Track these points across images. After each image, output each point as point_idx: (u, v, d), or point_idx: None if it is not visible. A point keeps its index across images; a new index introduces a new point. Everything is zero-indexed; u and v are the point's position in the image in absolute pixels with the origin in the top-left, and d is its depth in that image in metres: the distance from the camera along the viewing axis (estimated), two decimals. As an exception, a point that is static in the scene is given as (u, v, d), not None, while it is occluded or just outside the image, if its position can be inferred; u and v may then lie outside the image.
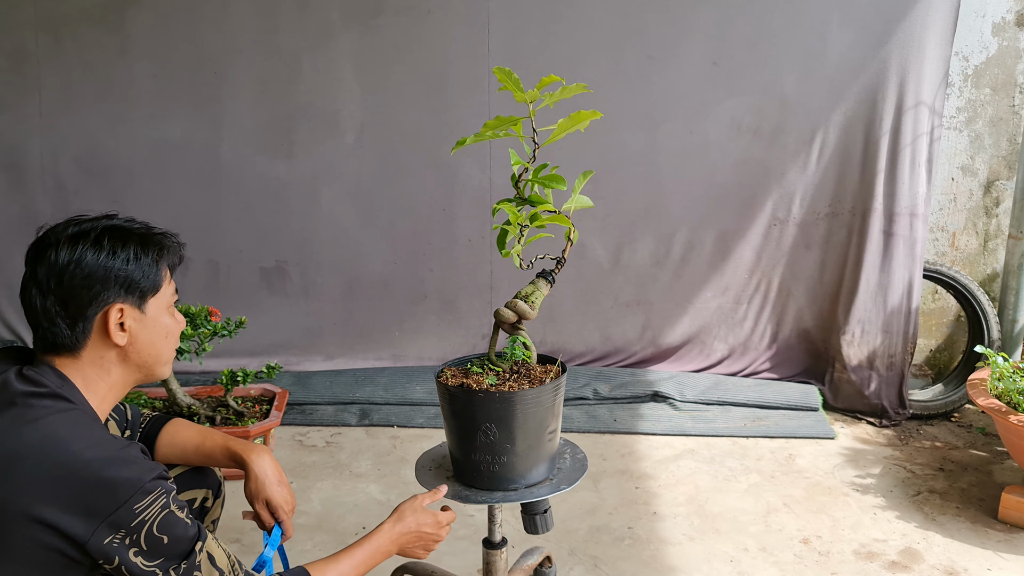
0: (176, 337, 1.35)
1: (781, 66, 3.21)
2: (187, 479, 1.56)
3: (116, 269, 1.24)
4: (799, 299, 3.41)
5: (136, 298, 1.27)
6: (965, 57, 3.36)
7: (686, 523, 2.44)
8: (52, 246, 1.23)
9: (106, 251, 1.24)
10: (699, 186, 3.35)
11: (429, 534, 1.54)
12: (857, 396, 3.25)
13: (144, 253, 1.28)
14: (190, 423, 1.60)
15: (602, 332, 3.53)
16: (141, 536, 1.14)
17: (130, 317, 1.27)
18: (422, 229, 3.47)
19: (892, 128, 3.13)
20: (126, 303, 1.26)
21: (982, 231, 3.50)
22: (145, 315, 1.28)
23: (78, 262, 1.22)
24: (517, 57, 3.29)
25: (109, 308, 1.24)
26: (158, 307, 1.30)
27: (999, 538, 2.37)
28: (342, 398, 3.27)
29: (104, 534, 1.12)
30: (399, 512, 1.54)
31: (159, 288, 1.30)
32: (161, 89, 3.39)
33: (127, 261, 1.25)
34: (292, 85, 3.38)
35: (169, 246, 1.33)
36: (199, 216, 3.48)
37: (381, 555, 1.49)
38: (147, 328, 1.29)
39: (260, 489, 1.53)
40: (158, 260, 1.29)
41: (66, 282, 1.22)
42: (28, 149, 3.43)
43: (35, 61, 3.37)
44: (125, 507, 1.13)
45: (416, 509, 1.54)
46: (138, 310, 1.28)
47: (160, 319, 1.31)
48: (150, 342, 1.29)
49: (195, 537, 1.21)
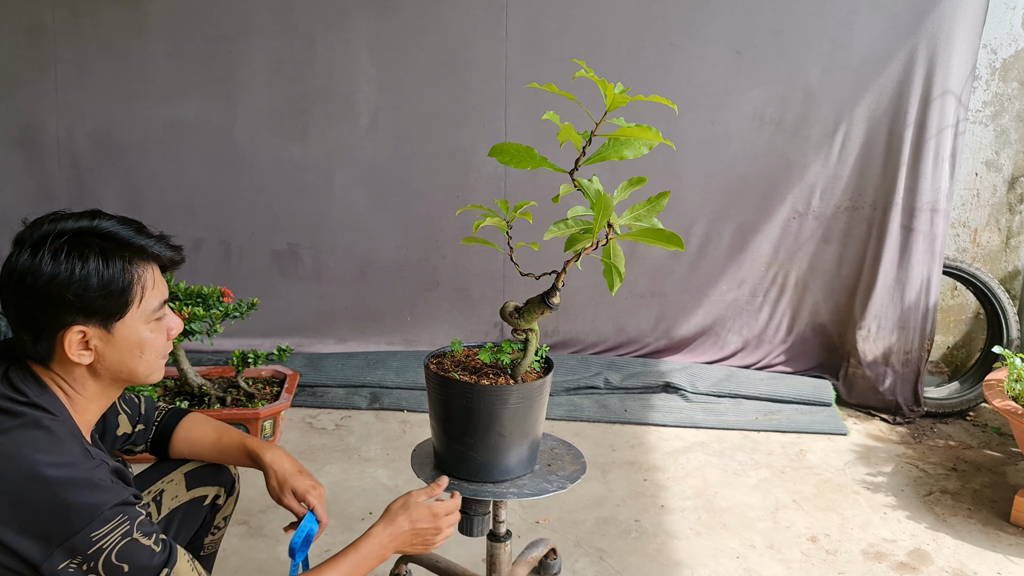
0: (159, 349, 1.24)
1: (806, 56, 3.15)
2: (200, 475, 1.53)
3: (72, 292, 1.12)
4: (815, 293, 3.37)
5: (99, 320, 1.16)
6: (993, 50, 3.28)
7: (693, 517, 2.43)
8: (19, 245, 1.15)
9: (63, 268, 1.12)
10: (719, 178, 3.31)
11: (426, 530, 1.45)
12: (871, 392, 3.22)
13: (109, 267, 1.15)
14: (206, 419, 1.57)
15: (616, 323, 3.51)
16: (99, 563, 1.09)
17: (95, 337, 1.17)
18: (436, 215, 3.45)
19: (916, 121, 3.08)
20: (87, 326, 1.16)
21: (1004, 228, 3.44)
22: (112, 335, 1.18)
23: (34, 276, 1.12)
24: (535, 42, 3.25)
25: (67, 330, 1.15)
26: (131, 323, 1.19)
27: (1010, 541, 2.34)
28: (353, 381, 3.27)
29: (59, 559, 1.08)
30: (389, 513, 1.44)
31: (126, 310, 1.17)
32: (176, 68, 3.38)
33: (84, 283, 1.13)
34: (307, 66, 3.35)
35: (151, 252, 1.21)
36: (212, 197, 3.48)
37: (373, 561, 1.39)
38: (115, 348, 1.19)
39: (283, 482, 1.50)
40: (129, 273, 1.17)
41: (22, 295, 1.13)
42: (44, 125, 3.43)
43: (52, 37, 3.36)
44: (81, 534, 1.08)
45: (409, 506, 1.45)
46: (103, 330, 1.17)
47: (133, 337, 1.20)
48: (120, 361, 1.20)
49: (162, 564, 1.15)
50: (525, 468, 1.67)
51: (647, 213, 1.48)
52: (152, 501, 1.47)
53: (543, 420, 1.67)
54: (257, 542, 2.23)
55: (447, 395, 1.58)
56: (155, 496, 1.48)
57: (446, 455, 1.65)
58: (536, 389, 1.60)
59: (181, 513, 1.50)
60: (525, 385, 1.59)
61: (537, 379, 1.63)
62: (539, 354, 1.69)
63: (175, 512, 1.50)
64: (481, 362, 1.68)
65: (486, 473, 1.63)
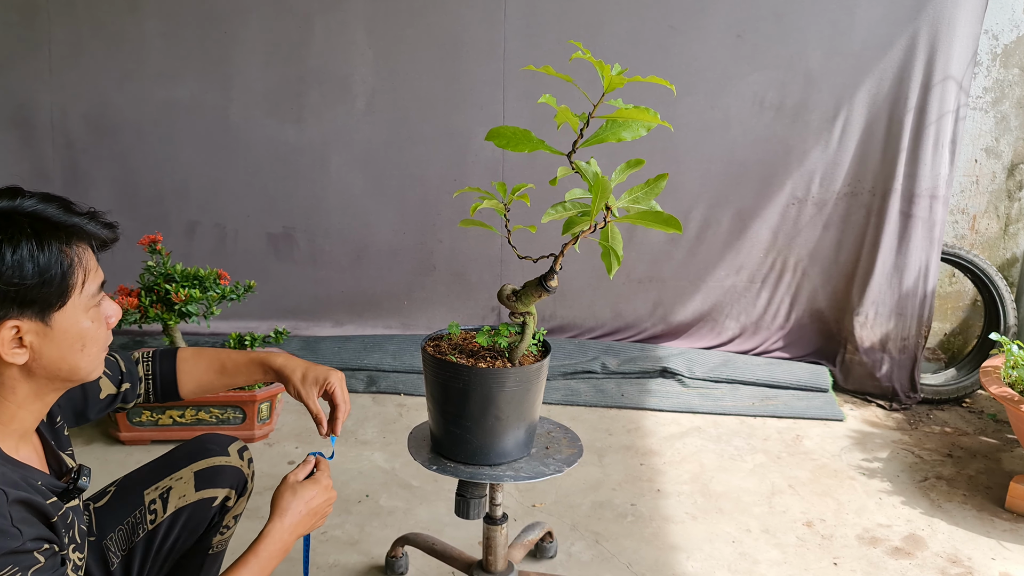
0: (101, 341, 1.13)
1: (807, 40, 3.13)
2: (211, 476, 1.46)
3: (4, 281, 0.99)
4: (814, 279, 3.37)
5: (35, 312, 1.04)
6: (995, 36, 3.26)
7: (689, 502, 2.44)
8: None
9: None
10: (718, 163, 3.29)
11: (321, 504, 1.39)
12: (868, 378, 3.22)
13: (44, 251, 1.02)
14: (197, 351, 1.49)
15: (613, 308, 3.50)
16: None
17: (30, 332, 1.04)
18: (433, 198, 3.43)
19: (917, 107, 3.06)
20: (21, 319, 1.03)
21: (1003, 215, 3.44)
22: (51, 328, 1.05)
23: None
24: (534, 24, 3.22)
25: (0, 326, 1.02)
26: (71, 313, 1.07)
27: (1005, 527, 2.35)
28: (350, 364, 3.27)
29: None
30: (279, 506, 1.35)
31: (67, 296, 1.05)
32: (171, 48, 3.34)
33: (18, 270, 1.00)
34: (303, 47, 3.32)
35: (87, 231, 1.08)
36: (207, 179, 3.45)
37: (274, 560, 1.31)
38: (54, 342, 1.06)
39: (304, 377, 1.47)
40: (67, 256, 1.04)
41: None
42: (38, 106, 3.40)
43: (45, 17, 3.32)
44: None
45: (295, 490, 1.38)
46: (40, 323, 1.05)
47: (73, 328, 1.08)
48: (59, 357, 1.08)
49: None
50: (522, 451, 1.67)
51: (645, 196, 1.47)
52: (158, 498, 1.44)
53: (540, 404, 1.67)
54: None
55: (444, 378, 1.58)
56: (161, 493, 1.44)
57: (443, 438, 1.65)
58: (533, 372, 1.60)
59: (187, 513, 1.45)
60: (522, 368, 1.58)
61: (534, 363, 1.62)
62: (536, 337, 1.69)
63: (180, 511, 1.45)
64: (478, 345, 1.68)
65: (483, 456, 1.62)
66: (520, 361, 1.62)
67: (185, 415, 2.67)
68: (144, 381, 1.47)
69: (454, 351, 1.66)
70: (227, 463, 1.49)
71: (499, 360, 1.62)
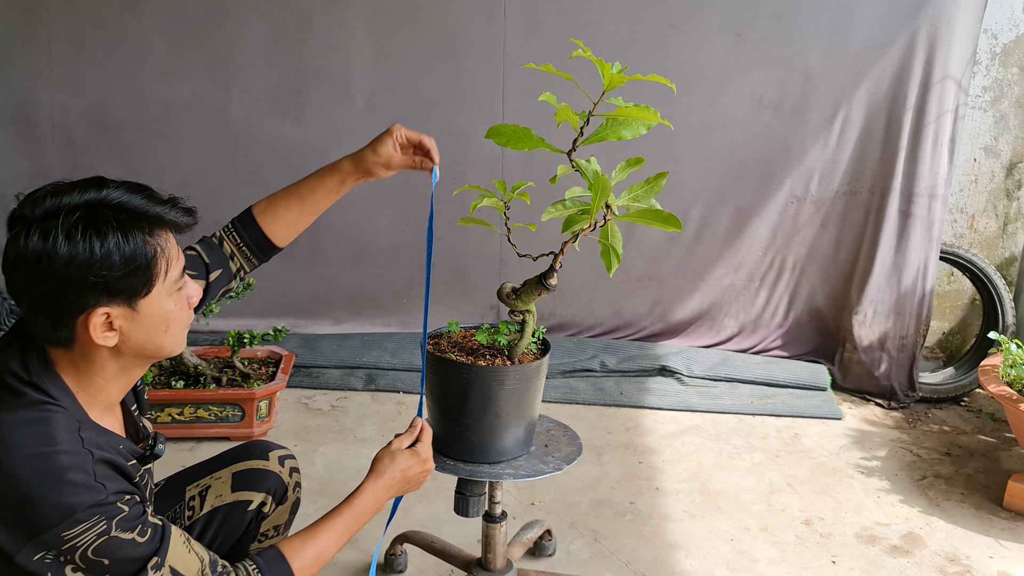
0: (184, 321, 1.20)
1: (806, 39, 3.13)
2: (247, 478, 1.47)
3: (94, 273, 1.05)
4: (812, 278, 3.37)
5: (123, 299, 1.10)
6: (994, 35, 3.26)
7: (688, 500, 2.44)
8: (24, 226, 1.06)
9: (80, 248, 1.04)
10: (717, 162, 3.29)
11: (416, 474, 1.46)
12: (866, 377, 3.23)
13: (129, 241, 1.08)
14: (268, 200, 1.50)
15: (612, 306, 3.51)
16: (76, 556, 1.07)
17: (119, 317, 1.11)
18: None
19: (916, 105, 3.06)
20: (111, 306, 1.10)
21: (1002, 214, 3.44)
22: (138, 312, 1.12)
23: (50, 259, 1.04)
24: (534, 22, 3.22)
25: (91, 313, 1.08)
26: (156, 299, 1.14)
27: (1003, 526, 2.36)
28: (349, 362, 3.27)
29: (32, 552, 1.06)
30: (377, 468, 1.43)
31: (151, 284, 1.12)
32: (172, 46, 3.34)
33: (106, 262, 1.06)
34: (303, 46, 3.32)
35: (168, 220, 1.13)
36: (207, 177, 3.45)
37: (367, 516, 1.39)
38: (141, 325, 1.13)
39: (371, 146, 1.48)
40: (151, 246, 1.10)
41: (37, 281, 1.05)
42: (38, 103, 3.40)
43: (46, 13, 3.32)
44: (51, 532, 1.04)
45: (395, 456, 1.44)
46: (128, 309, 1.11)
47: (158, 312, 1.14)
48: (146, 338, 1.15)
49: (148, 555, 1.11)
50: (521, 449, 1.68)
51: (645, 194, 1.47)
52: (197, 495, 1.46)
53: (539, 402, 1.67)
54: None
55: (444, 376, 1.58)
56: (200, 491, 1.47)
57: (442, 436, 1.65)
58: (533, 371, 1.60)
59: (222, 513, 1.47)
60: (522, 366, 1.59)
61: (534, 361, 1.62)
62: (536, 336, 1.69)
63: (217, 511, 1.47)
64: (478, 343, 1.68)
65: (482, 454, 1.63)
66: (519, 359, 1.62)
67: (184, 413, 2.67)
68: (238, 251, 1.47)
69: (453, 349, 1.66)
70: (265, 467, 1.50)
71: (498, 358, 1.62)
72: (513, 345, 1.62)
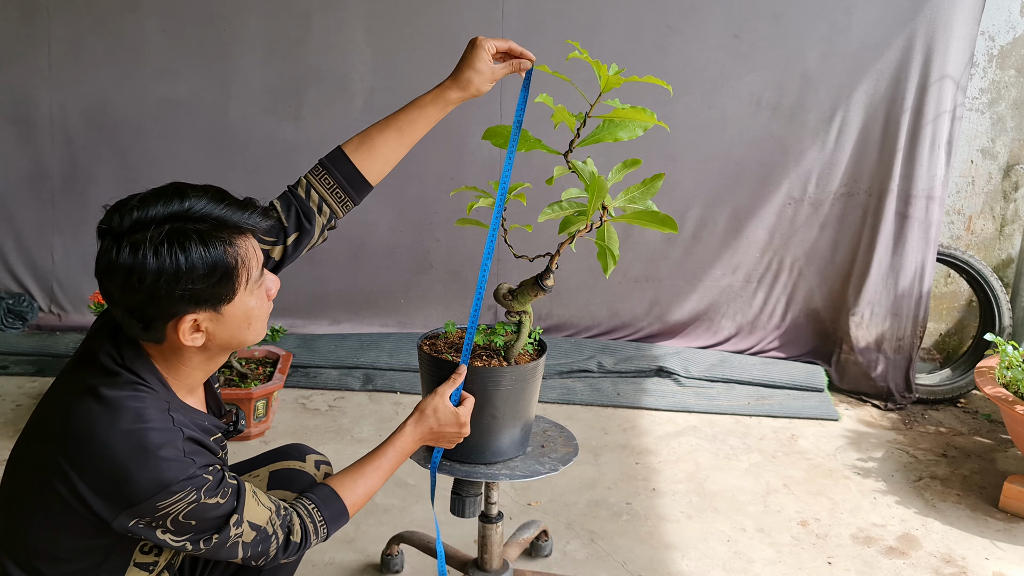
0: (264, 315, 1.27)
1: (804, 40, 3.14)
2: (284, 478, 1.49)
3: (181, 286, 1.13)
4: (810, 279, 3.38)
5: (209, 306, 1.18)
6: (991, 37, 3.27)
7: (685, 500, 2.45)
8: (115, 240, 1.13)
9: (167, 263, 1.12)
10: (715, 163, 3.30)
11: (450, 433, 1.51)
12: (863, 378, 3.23)
13: (211, 252, 1.14)
14: (362, 136, 1.49)
15: (609, 307, 3.51)
16: (167, 521, 1.17)
17: (205, 320, 1.20)
18: (430, 197, 3.43)
19: (913, 107, 3.07)
20: (198, 313, 1.18)
21: (999, 216, 3.45)
22: (223, 315, 1.20)
23: (140, 274, 1.12)
24: (532, 23, 3.22)
25: (179, 320, 1.17)
26: (240, 301, 1.21)
27: (998, 527, 2.36)
28: (346, 362, 3.27)
29: (127, 519, 1.16)
30: (420, 412, 1.50)
31: (234, 292, 1.19)
32: (171, 46, 3.35)
33: (191, 274, 1.13)
34: (302, 45, 3.32)
35: (247, 226, 1.19)
36: (205, 176, 3.39)
37: (405, 455, 1.49)
38: (226, 325, 1.21)
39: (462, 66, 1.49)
40: (231, 256, 1.16)
41: (130, 293, 1.14)
42: (37, 102, 3.40)
43: (45, 13, 3.32)
44: (147, 503, 1.14)
45: (437, 408, 1.50)
46: (214, 312, 1.20)
47: (241, 312, 1.22)
48: (229, 335, 1.23)
49: (229, 512, 1.22)
50: (518, 450, 1.68)
51: (642, 195, 1.48)
52: None
53: (536, 402, 1.68)
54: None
55: (440, 376, 1.58)
56: None
57: None
58: (529, 371, 1.60)
59: None
60: (518, 367, 1.59)
61: (530, 361, 1.63)
62: (532, 336, 1.69)
63: None
64: (475, 344, 1.68)
65: (478, 455, 1.63)
66: (516, 360, 1.62)
67: (182, 412, 2.67)
68: (331, 195, 1.46)
69: (450, 350, 1.66)
70: (301, 468, 1.52)
71: (495, 359, 1.62)
72: (509, 346, 1.63)
